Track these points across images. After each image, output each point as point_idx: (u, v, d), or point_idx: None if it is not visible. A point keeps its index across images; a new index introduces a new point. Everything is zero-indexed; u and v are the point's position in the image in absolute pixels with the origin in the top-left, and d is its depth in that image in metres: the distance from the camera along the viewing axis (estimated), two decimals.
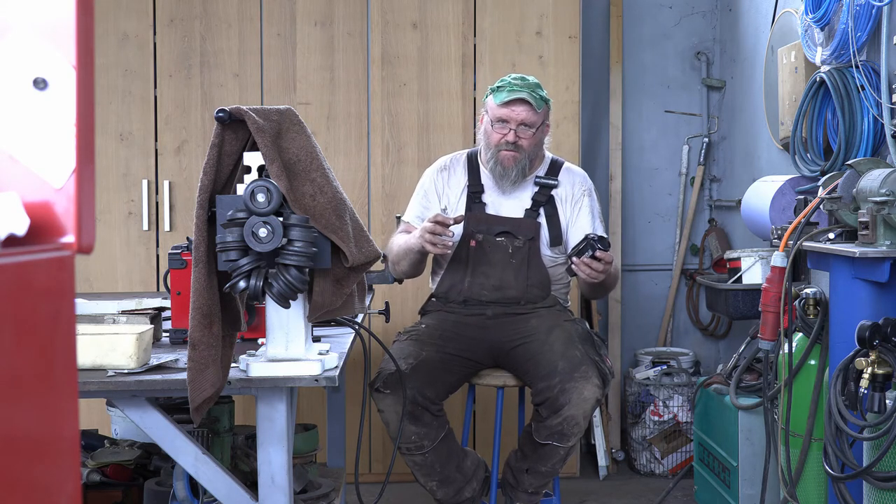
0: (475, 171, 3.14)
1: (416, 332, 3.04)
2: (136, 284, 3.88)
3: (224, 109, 1.92)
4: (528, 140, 3.01)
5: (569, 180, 3.12)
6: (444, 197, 3.15)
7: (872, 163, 2.64)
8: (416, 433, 2.86)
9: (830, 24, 3.05)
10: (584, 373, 2.80)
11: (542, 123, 3.04)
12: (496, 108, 3.01)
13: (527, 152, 3.02)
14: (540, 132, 3.05)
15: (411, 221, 3.17)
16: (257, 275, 1.87)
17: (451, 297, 3.09)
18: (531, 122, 3.00)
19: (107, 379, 1.94)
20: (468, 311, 3.07)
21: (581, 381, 2.79)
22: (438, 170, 3.20)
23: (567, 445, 2.83)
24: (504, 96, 2.99)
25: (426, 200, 3.17)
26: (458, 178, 3.15)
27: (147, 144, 3.88)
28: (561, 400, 2.78)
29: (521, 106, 2.99)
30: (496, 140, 3.01)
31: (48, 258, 0.77)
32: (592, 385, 2.79)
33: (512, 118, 2.99)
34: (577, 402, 2.77)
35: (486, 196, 3.10)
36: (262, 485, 1.98)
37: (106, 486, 2.79)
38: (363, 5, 3.89)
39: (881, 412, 2.23)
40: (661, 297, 4.70)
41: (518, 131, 3.00)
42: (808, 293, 2.77)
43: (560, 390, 2.78)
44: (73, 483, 0.79)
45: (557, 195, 3.10)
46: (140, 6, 3.84)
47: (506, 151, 3.00)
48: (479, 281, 3.04)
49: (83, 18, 0.78)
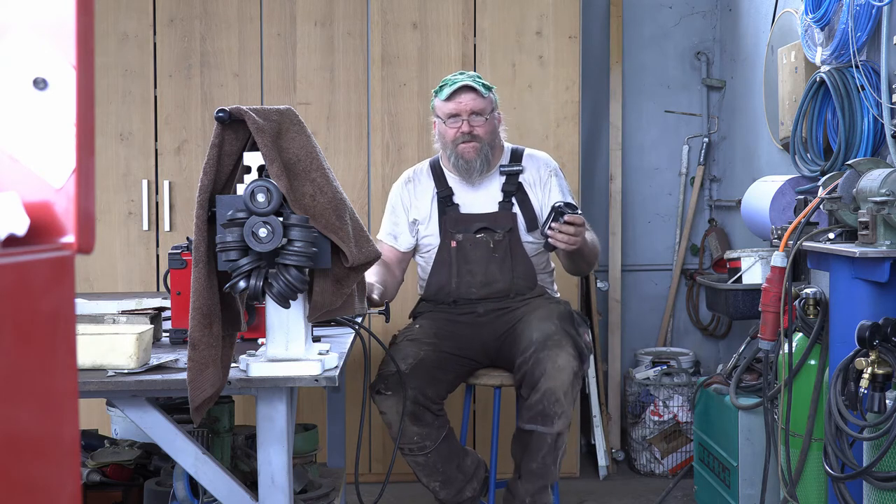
0: (440, 177, 3.15)
1: (412, 333, 3.04)
2: (136, 284, 3.88)
3: (224, 109, 1.91)
4: (483, 128, 3.01)
5: (533, 164, 3.13)
6: (413, 209, 3.15)
7: (872, 163, 2.64)
8: (418, 433, 2.86)
9: (830, 24, 3.05)
10: (556, 342, 2.80)
11: (491, 111, 3.05)
12: (444, 105, 3.03)
13: (485, 140, 3.02)
14: (493, 119, 3.06)
15: (384, 239, 3.19)
16: (257, 275, 1.87)
17: (441, 299, 3.10)
18: (480, 108, 3.01)
19: (107, 379, 1.94)
20: (459, 310, 3.08)
21: (554, 349, 2.78)
22: (403, 183, 3.20)
23: (552, 431, 2.78)
24: (448, 90, 3.01)
25: (395, 216, 3.19)
26: (424, 187, 3.16)
27: (147, 144, 3.88)
28: (536, 372, 2.77)
29: (467, 94, 3.00)
30: (452, 136, 3.02)
31: (48, 258, 0.77)
32: (567, 354, 2.79)
33: (461, 109, 3.00)
34: (553, 373, 2.76)
35: (457, 197, 3.11)
36: (262, 485, 1.98)
37: (106, 486, 2.79)
38: (363, 5, 3.89)
39: (881, 412, 2.23)
40: (661, 297, 4.70)
41: (470, 121, 3.00)
42: (808, 293, 2.77)
43: (535, 361, 2.78)
44: (73, 483, 0.79)
45: (525, 181, 3.11)
46: (140, 6, 3.84)
47: (464, 144, 3.01)
48: (465, 280, 3.05)
49: (83, 18, 0.78)
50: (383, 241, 3.18)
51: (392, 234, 3.18)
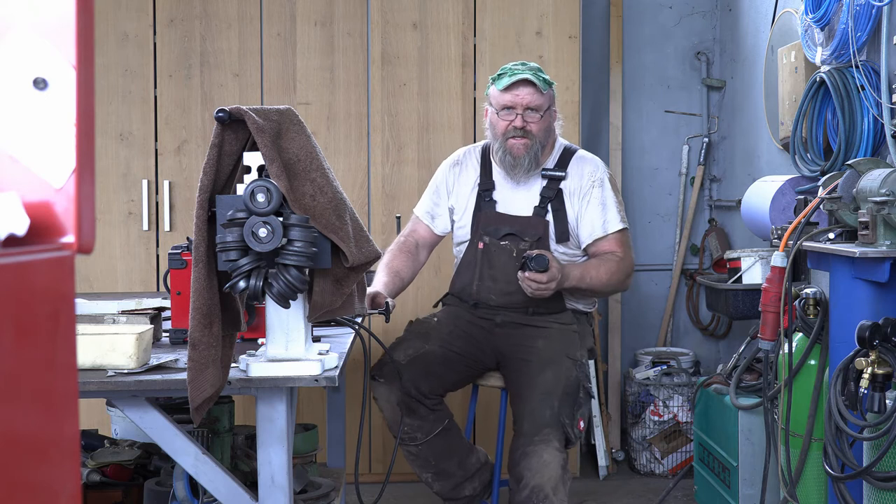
0: (487, 167, 3.05)
1: (426, 325, 3.01)
2: (136, 284, 3.88)
3: (224, 109, 1.91)
4: (537, 125, 2.90)
5: (577, 171, 2.98)
6: (454, 195, 3.07)
7: (872, 163, 2.64)
8: (409, 425, 2.86)
9: (830, 24, 3.05)
10: (545, 436, 2.70)
11: (548, 108, 2.93)
12: (499, 95, 2.91)
13: (537, 138, 2.90)
14: (548, 116, 2.93)
15: (421, 217, 3.11)
16: (257, 275, 1.87)
17: (464, 298, 3.06)
18: (537, 104, 2.89)
19: (107, 379, 1.94)
20: (478, 314, 3.03)
21: (541, 444, 2.69)
22: (451, 165, 3.12)
23: None
24: (506, 81, 2.89)
25: (437, 196, 3.11)
26: (468, 175, 3.07)
27: (147, 144, 3.88)
28: (522, 465, 2.69)
29: (524, 88, 2.88)
30: (503, 128, 2.91)
31: (48, 258, 0.77)
32: (552, 449, 2.69)
33: (517, 103, 2.88)
34: (538, 468, 2.66)
35: (497, 193, 3.01)
36: (262, 485, 1.98)
37: (106, 486, 2.79)
38: (363, 5, 3.89)
39: (881, 412, 2.23)
40: (661, 297, 4.70)
41: (525, 116, 2.88)
42: (808, 293, 2.77)
43: (521, 454, 2.70)
44: (73, 483, 0.79)
45: (565, 188, 2.97)
46: (140, 6, 3.84)
47: (514, 139, 2.89)
48: (486, 285, 2.98)
49: (83, 18, 0.78)
50: (421, 218, 3.10)
51: (430, 214, 3.10)
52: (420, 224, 3.11)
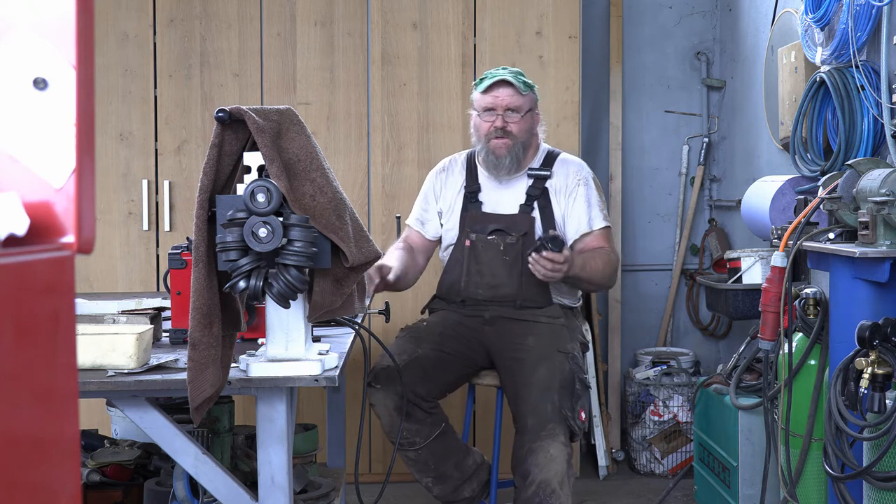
0: (472, 171, 3.14)
1: (416, 330, 3.05)
2: (136, 284, 3.88)
3: (224, 109, 1.91)
4: (517, 125, 2.99)
5: (563, 171, 3.08)
6: (442, 199, 3.16)
7: (872, 163, 2.64)
8: (407, 429, 2.87)
9: (830, 24, 3.05)
10: (550, 431, 2.73)
11: (529, 110, 3.03)
12: (480, 98, 3.02)
13: (518, 138, 3.00)
14: (529, 118, 3.03)
15: (412, 224, 3.20)
16: (257, 275, 1.87)
17: (451, 298, 3.11)
18: (517, 105, 2.99)
19: (107, 379, 1.94)
20: (467, 311, 3.07)
21: (547, 439, 2.72)
22: (437, 172, 3.22)
23: None
24: (486, 83, 2.99)
25: (425, 203, 3.20)
26: (455, 179, 3.16)
27: (147, 144, 3.88)
28: (528, 461, 2.71)
29: (504, 89, 2.98)
30: (485, 130, 3.00)
31: (48, 258, 0.77)
32: (559, 443, 2.72)
33: (497, 104, 2.98)
34: (545, 463, 2.69)
35: (483, 194, 3.10)
36: (262, 485, 1.98)
37: (106, 486, 2.79)
38: (363, 5, 3.89)
39: (881, 412, 2.23)
40: (661, 297, 4.70)
41: (505, 117, 2.98)
42: (808, 293, 2.77)
43: (528, 450, 2.72)
44: (73, 483, 0.79)
45: (551, 186, 3.06)
46: (140, 6, 3.84)
47: (496, 140, 2.99)
48: (474, 280, 3.04)
49: (83, 18, 0.78)
50: (412, 226, 3.20)
51: (420, 220, 3.19)
52: (412, 231, 3.20)
